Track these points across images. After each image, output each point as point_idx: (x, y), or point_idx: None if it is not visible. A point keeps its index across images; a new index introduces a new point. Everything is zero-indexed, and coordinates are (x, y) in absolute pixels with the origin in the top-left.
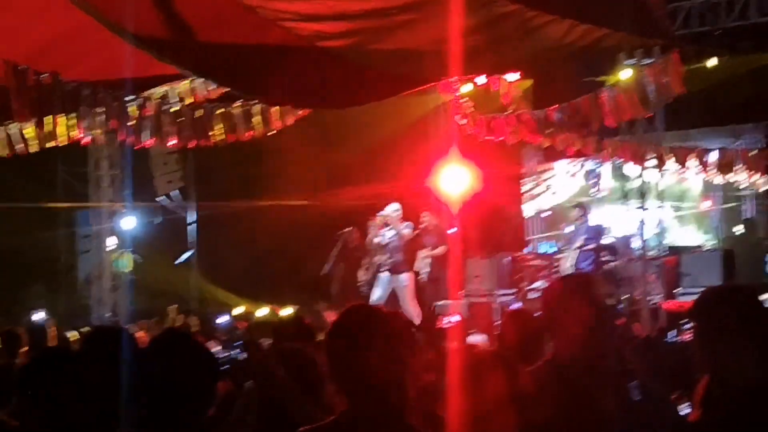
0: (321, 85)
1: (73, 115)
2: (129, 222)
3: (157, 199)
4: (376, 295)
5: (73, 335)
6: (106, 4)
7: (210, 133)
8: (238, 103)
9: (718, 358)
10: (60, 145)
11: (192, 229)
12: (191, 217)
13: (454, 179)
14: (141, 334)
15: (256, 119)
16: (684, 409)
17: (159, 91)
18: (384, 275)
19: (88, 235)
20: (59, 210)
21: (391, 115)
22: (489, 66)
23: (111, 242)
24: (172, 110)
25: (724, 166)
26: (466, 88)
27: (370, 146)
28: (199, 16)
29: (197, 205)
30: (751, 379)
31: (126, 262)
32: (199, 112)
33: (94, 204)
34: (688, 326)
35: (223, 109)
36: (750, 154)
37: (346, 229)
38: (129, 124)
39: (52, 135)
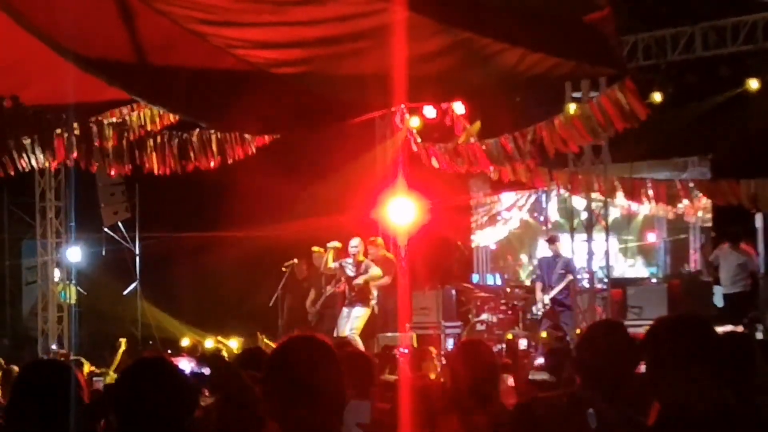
0: (272, 112)
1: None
2: (74, 253)
3: (105, 230)
4: (346, 330)
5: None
6: (55, 27)
7: (169, 162)
8: (196, 132)
9: (671, 387)
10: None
11: (138, 260)
12: (137, 248)
13: (401, 211)
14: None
15: (215, 148)
16: None
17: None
18: (344, 309)
19: (33, 266)
20: (5, 240)
21: (340, 147)
22: (440, 94)
23: (56, 273)
24: (132, 137)
25: (673, 198)
26: (417, 119)
27: (317, 178)
28: (150, 42)
29: (143, 237)
30: (704, 407)
31: (70, 295)
32: (159, 140)
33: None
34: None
35: (184, 137)
36: (699, 186)
37: (293, 261)
38: (90, 149)
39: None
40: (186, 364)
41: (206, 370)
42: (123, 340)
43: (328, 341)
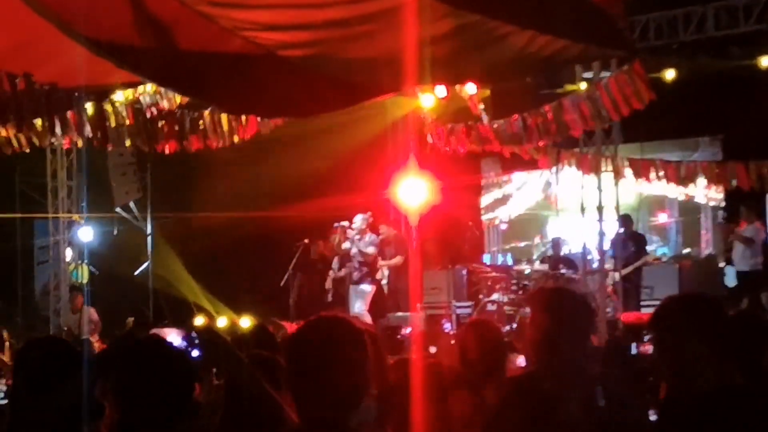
0: (281, 94)
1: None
2: (86, 233)
3: (116, 209)
4: (357, 307)
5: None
6: (65, 9)
7: (182, 141)
8: (207, 111)
9: (678, 365)
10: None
11: (149, 239)
12: (149, 228)
13: (413, 191)
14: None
15: (225, 128)
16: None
17: (127, 94)
18: (352, 286)
19: (45, 245)
20: (17, 220)
21: (351, 127)
22: (449, 76)
23: (68, 253)
24: (147, 116)
25: (684, 179)
26: (428, 99)
27: (329, 158)
28: (158, 24)
29: (155, 216)
30: (710, 385)
31: (82, 274)
32: (171, 119)
33: (50, 215)
34: (648, 337)
35: (196, 116)
36: (705, 169)
37: (305, 241)
38: (104, 128)
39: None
40: (175, 338)
41: (195, 351)
42: (131, 320)
43: (357, 323)
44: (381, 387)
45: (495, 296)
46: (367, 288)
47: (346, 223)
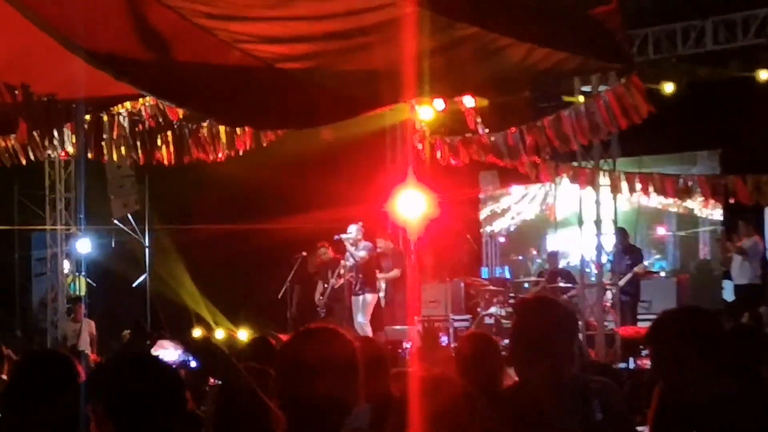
0: (280, 106)
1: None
2: (84, 245)
3: (114, 221)
4: (359, 319)
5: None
6: (63, 21)
7: (180, 154)
8: (206, 124)
9: (674, 378)
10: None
11: (147, 252)
12: (146, 240)
13: (411, 204)
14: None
15: (225, 139)
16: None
17: (128, 106)
18: (354, 297)
19: (42, 257)
20: (15, 232)
21: (350, 140)
22: (447, 89)
23: (66, 265)
24: (144, 128)
25: (682, 193)
26: (426, 112)
27: (327, 171)
28: (157, 36)
29: (152, 229)
30: (704, 398)
31: (79, 286)
32: (169, 131)
33: (46, 227)
34: (646, 352)
35: (194, 128)
36: (701, 183)
37: (303, 253)
38: (100, 140)
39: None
40: (173, 352)
41: (193, 362)
42: (127, 332)
43: (349, 335)
44: (379, 399)
45: (493, 309)
46: (368, 297)
47: (345, 236)
